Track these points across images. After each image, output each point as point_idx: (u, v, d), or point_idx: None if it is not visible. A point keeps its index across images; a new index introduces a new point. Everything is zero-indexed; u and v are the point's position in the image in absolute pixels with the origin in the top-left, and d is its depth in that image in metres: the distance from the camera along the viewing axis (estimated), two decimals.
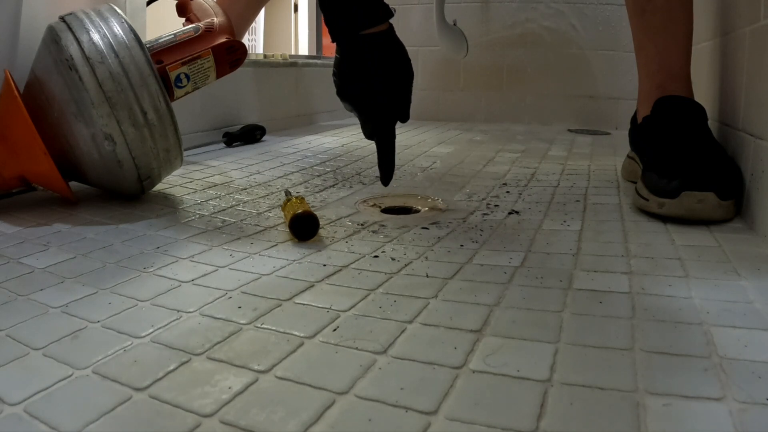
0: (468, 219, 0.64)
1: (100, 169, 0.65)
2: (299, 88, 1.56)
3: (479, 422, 0.27)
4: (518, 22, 1.65)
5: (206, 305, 0.41)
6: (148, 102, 0.64)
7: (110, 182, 0.68)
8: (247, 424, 0.27)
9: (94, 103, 0.61)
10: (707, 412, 0.27)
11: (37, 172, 0.64)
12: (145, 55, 0.64)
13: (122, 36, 0.64)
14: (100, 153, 0.63)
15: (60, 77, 0.62)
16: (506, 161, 1.02)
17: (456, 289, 0.43)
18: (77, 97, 0.61)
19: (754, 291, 0.42)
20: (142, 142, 0.64)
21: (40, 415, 0.28)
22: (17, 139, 0.62)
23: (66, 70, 0.61)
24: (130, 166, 0.65)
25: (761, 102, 0.57)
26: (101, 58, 0.62)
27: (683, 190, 0.58)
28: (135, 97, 0.63)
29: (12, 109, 0.61)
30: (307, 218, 0.55)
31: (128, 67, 0.63)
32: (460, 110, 1.75)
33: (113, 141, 0.62)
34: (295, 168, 0.94)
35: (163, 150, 0.67)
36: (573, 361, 0.32)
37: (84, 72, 0.61)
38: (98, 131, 0.62)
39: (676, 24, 0.72)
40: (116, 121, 0.62)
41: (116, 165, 0.64)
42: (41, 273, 0.46)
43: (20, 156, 0.63)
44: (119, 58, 0.63)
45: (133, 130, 0.63)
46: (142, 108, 0.64)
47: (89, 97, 0.61)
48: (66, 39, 0.62)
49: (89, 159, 0.64)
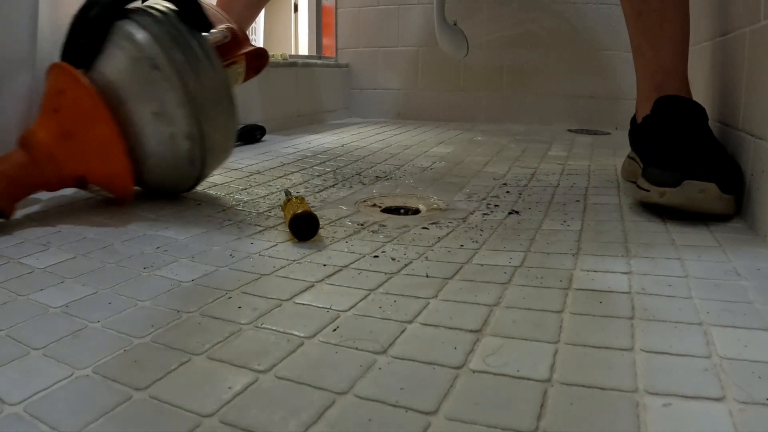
0: (468, 219, 0.64)
1: (165, 168, 0.65)
2: (299, 88, 1.56)
3: (479, 422, 0.27)
4: (518, 22, 1.65)
5: (206, 305, 0.41)
6: (224, 102, 0.65)
7: (168, 181, 0.68)
8: (247, 424, 0.27)
9: (179, 102, 0.61)
10: (707, 412, 0.27)
11: (106, 172, 0.63)
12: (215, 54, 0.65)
13: (187, 33, 0.64)
14: (174, 152, 0.63)
15: (138, 76, 0.61)
16: (506, 161, 1.02)
17: (456, 289, 0.43)
18: (161, 97, 0.61)
19: (754, 291, 0.42)
20: (214, 142, 0.65)
21: (40, 415, 0.28)
22: (89, 139, 0.61)
23: (147, 70, 0.61)
24: (197, 165, 0.66)
25: (761, 102, 0.57)
26: (183, 56, 0.62)
27: (685, 179, 0.58)
28: (214, 97, 0.64)
29: (86, 108, 0.60)
30: (307, 218, 0.55)
31: (205, 66, 0.63)
32: (460, 110, 1.75)
33: (191, 140, 0.63)
34: (295, 168, 0.94)
35: (224, 151, 0.69)
36: (573, 361, 0.32)
37: (169, 72, 0.61)
38: (179, 130, 0.62)
39: (673, 25, 0.73)
40: (197, 121, 0.62)
41: (187, 164, 0.65)
42: (41, 273, 0.46)
43: (88, 156, 0.61)
44: (198, 56, 0.63)
45: (210, 130, 0.64)
46: (218, 108, 0.65)
47: (176, 96, 0.61)
48: (143, 38, 0.61)
49: (157, 158, 0.64)
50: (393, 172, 0.92)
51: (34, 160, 0.60)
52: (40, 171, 0.60)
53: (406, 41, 1.79)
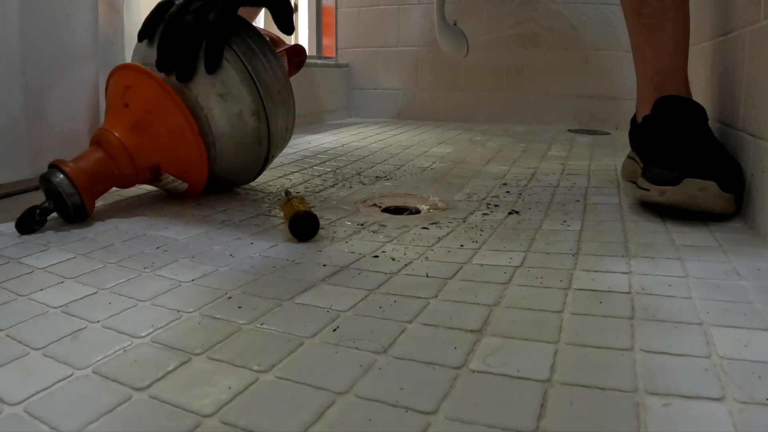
0: (468, 219, 0.64)
1: (235, 149, 0.68)
2: (299, 88, 1.56)
3: (479, 422, 0.27)
4: (518, 22, 1.65)
5: (206, 305, 0.41)
6: (281, 78, 0.69)
7: (237, 163, 0.70)
8: (247, 424, 0.27)
9: (242, 80, 0.65)
10: (707, 412, 0.27)
11: (180, 156, 0.65)
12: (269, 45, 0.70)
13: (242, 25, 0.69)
14: (243, 130, 0.66)
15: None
16: (506, 161, 1.02)
17: (456, 289, 0.43)
18: (224, 77, 0.65)
19: (754, 291, 0.42)
20: (277, 119, 0.69)
21: (40, 415, 0.28)
22: (161, 127, 0.63)
23: None
24: (265, 144, 0.69)
25: (761, 102, 0.57)
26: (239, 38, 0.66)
27: (685, 177, 0.58)
28: (273, 75, 0.68)
29: (155, 98, 0.63)
30: (307, 218, 0.55)
31: (257, 44, 0.68)
32: (460, 110, 1.75)
33: (259, 117, 0.67)
34: (295, 168, 0.94)
35: (285, 129, 0.72)
36: (573, 361, 0.32)
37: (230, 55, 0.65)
38: (246, 108, 0.66)
39: (672, 25, 0.73)
40: (260, 98, 0.66)
41: (256, 142, 0.68)
42: (41, 273, 0.46)
43: (162, 143, 0.64)
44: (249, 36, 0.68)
45: (273, 105, 0.68)
46: (277, 85, 0.69)
47: (237, 75, 0.65)
48: None
49: (227, 139, 0.67)
50: (393, 172, 0.92)
51: (110, 155, 0.62)
52: (116, 165, 0.62)
53: (406, 41, 1.79)
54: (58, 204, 0.58)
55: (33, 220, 0.56)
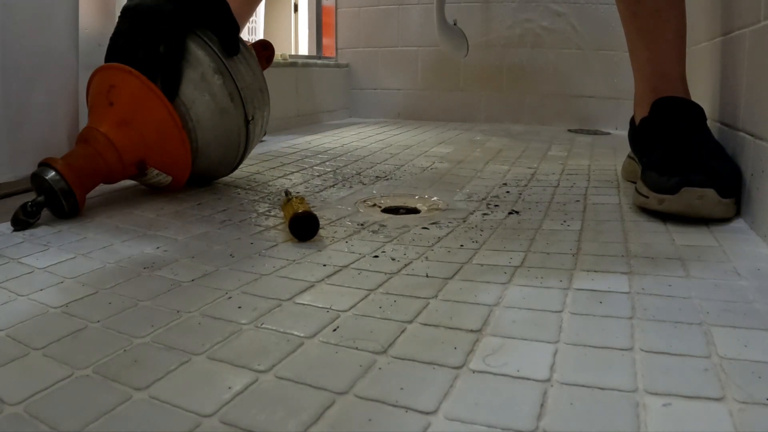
0: (468, 219, 0.64)
1: (213, 115, 0.70)
2: (299, 88, 1.56)
3: (479, 422, 0.27)
4: (518, 22, 1.65)
5: (206, 305, 0.41)
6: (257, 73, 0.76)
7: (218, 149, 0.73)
8: (247, 424, 0.27)
9: (198, 45, 0.69)
10: (707, 412, 0.27)
11: (164, 150, 0.68)
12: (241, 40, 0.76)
13: None
14: (211, 91, 0.69)
15: None
16: (506, 161, 1.02)
17: (456, 289, 0.43)
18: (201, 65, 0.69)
19: (754, 291, 0.42)
20: (243, 74, 0.73)
21: (40, 415, 0.28)
22: (146, 122, 0.66)
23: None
24: (238, 101, 0.72)
25: (761, 102, 0.57)
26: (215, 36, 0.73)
27: (683, 186, 0.57)
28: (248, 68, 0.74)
29: (140, 95, 0.66)
30: (307, 218, 0.55)
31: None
32: (460, 110, 1.75)
33: (221, 74, 0.70)
34: (295, 168, 0.94)
35: (258, 90, 0.76)
36: (573, 361, 0.32)
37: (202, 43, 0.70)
38: (207, 68, 0.69)
39: (668, 25, 0.72)
40: (218, 56, 0.70)
41: (228, 100, 0.70)
42: (41, 273, 0.46)
43: (147, 138, 0.66)
44: None
45: (232, 63, 0.72)
46: (253, 78, 0.75)
47: (214, 63, 0.69)
48: None
49: (201, 107, 0.69)
50: (393, 172, 0.92)
51: (97, 151, 0.64)
52: (103, 160, 0.65)
53: (406, 41, 1.79)
54: (51, 199, 0.59)
55: (26, 213, 0.57)
